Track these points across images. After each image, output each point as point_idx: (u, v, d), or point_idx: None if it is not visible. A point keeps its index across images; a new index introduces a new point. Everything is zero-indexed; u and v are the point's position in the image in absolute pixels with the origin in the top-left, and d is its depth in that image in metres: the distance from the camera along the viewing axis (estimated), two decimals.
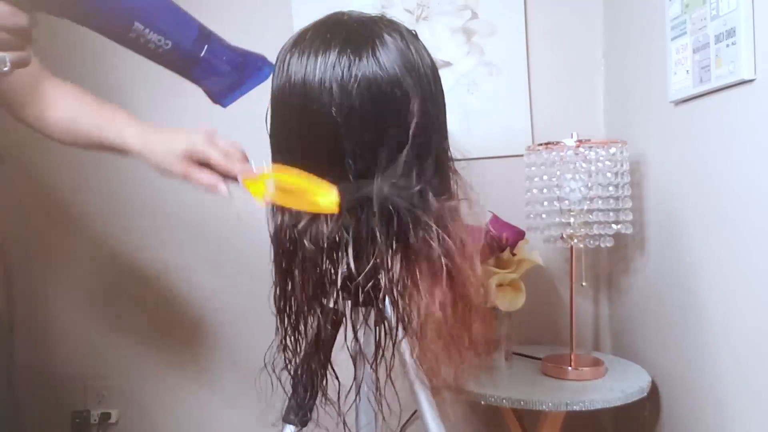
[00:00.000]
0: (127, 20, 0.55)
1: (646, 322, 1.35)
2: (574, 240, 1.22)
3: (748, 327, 0.96)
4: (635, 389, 1.16)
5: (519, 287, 1.29)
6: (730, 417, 1.02)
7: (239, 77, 0.69)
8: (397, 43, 0.68)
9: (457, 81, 1.54)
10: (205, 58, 0.65)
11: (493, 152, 1.53)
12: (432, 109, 0.69)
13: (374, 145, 0.66)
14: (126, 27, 0.55)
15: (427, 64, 0.71)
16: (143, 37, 0.57)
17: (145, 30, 0.56)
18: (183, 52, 0.63)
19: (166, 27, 0.58)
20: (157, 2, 0.59)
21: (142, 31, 0.56)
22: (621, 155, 1.20)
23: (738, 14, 0.93)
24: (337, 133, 0.66)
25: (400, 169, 0.67)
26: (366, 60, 0.66)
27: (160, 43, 0.58)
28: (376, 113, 0.66)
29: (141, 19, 0.55)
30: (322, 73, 0.66)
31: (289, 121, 0.69)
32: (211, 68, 0.67)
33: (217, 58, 0.67)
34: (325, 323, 0.74)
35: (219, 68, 0.67)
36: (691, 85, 1.08)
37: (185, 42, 0.62)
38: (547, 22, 1.53)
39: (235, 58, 0.69)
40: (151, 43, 0.57)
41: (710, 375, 1.08)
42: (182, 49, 0.62)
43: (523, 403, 1.13)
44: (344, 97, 0.65)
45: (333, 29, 0.69)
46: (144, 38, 0.58)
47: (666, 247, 1.25)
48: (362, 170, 0.67)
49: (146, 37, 0.58)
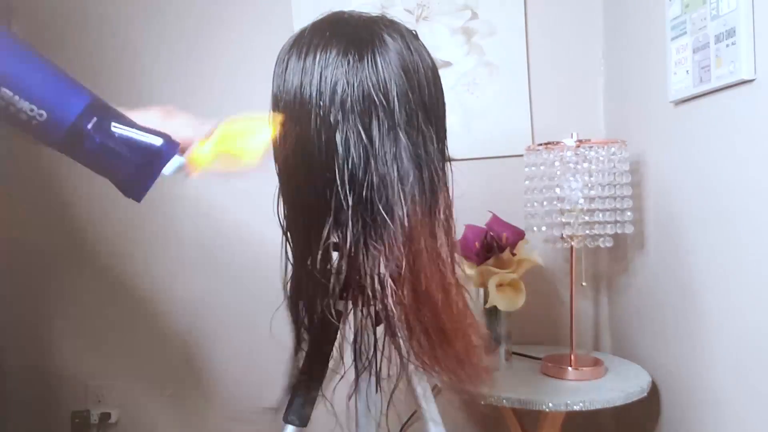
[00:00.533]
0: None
1: (646, 322, 1.35)
2: (574, 240, 1.22)
3: (748, 327, 0.96)
4: (635, 389, 1.16)
5: (519, 287, 1.29)
6: (729, 417, 1.02)
7: (141, 161, 0.58)
8: (397, 44, 0.68)
9: (457, 81, 1.54)
10: (92, 137, 0.54)
11: (493, 152, 1.53)
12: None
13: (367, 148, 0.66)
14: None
15: (427, 65, 0.71)
16: (13, 105, 0.49)
17: (14, 97, 0.49)
18: (62, 127, 0.53)
19: (41, 95, 0.50)
20: (31, 68, 0.51)
21: (11, 97, 0.49)
22: (621, 155, 1.20)
23: (738, 14, 0.93)
24: (333, 135, 0.66)
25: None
26: (365, 63, 0.66)
27: (33, 113, 0.50)
28: (372, 115, 0.66)
29: (9, 85, 0.48)
30: (320, 76, 0.66)
31: (287, 121, 0.69)
32: (102, 149, 0.56)
33: (108, 136, 0.55)
34: (325, 323, 0.75)
35: (111, 150, 0.56)
36: (691, 85, 1.08)
37: (66, 115, 0.52)
38: (547, 21, 1.53)
39: (131, 139, 0.58)
40: (23, 114, 0.50)
41: (710, 375, 1.08)
42: (62, 122, 0.52)
43: (523, 403, 1.13)
44: (342, 100, 0.65)
45: (333, 28, 0.69)
46: (14, 107, 0.50)
47: (666, 247, 1.25)
48: (357, 168, 0.67)
49: (16, 105, 0.50)
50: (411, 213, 0.67)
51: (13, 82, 0.49)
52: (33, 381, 1.61)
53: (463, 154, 1.51)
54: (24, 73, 0.50)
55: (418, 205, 0.67)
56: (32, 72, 0.52)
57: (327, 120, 0.66)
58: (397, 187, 0.66)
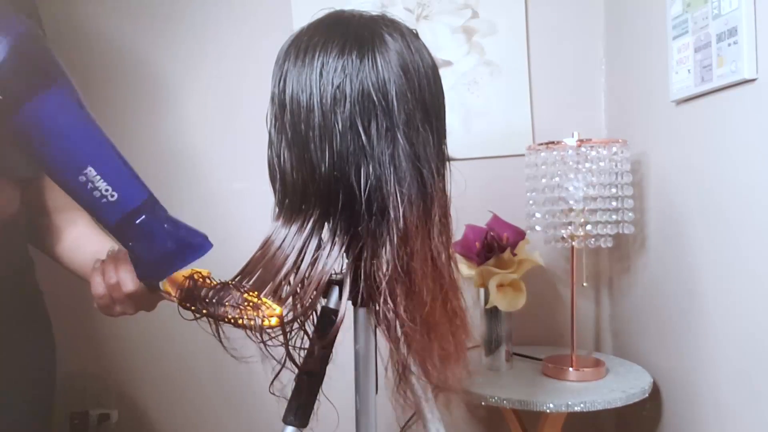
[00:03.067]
0: (82, 162, 0.55)
1: (647, 323, 1.35)
2: (575, 240, 1.22)
3: (750, 327, 0.96)
4: (636, 390, 1.16)
5: (519, 287, 1.28)
6: (731, 418, 1.02)
7: (176, 250, 0.66)
8: (398, 44, 0.68)
9: (457, 80, 1.53)
10: (146, 222, 0.63)
11: (494, 152, 1.52)
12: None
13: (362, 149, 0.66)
14: (79, 169, 0.54)
15: (427, 64, 0.71)
16: (92, 182, 0.56)
17: (96, 176, 0.55)
18: (126, 209, 0.61)
19: (119, 180, 0.57)
20: (115, 156, 0.58)
21: (94, 176, 0.55)
22: (622, 155, 1.20)
23: (740, 13, 0.93)
24: (331, 134, 0.66)
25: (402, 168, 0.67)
26: (365, 63, 0.66)
27: (107, 193, 0.56)
28: (371, 114, 0.66)
29: (95, 165, 0.55)
30: (319, 75, 0.66)
31: (286, 122, 0.69)
32: (150, 233, 0.64)
33: (158, 224, 0.64)
34: (325, 323, 0.74)
35: (157, 235, 0.65)
36: (693, 85, 1.07)
37: (132, 200, 0.61)
38: (548, 20, 1.53)
39: (176, 231, 0.67)
40: (98, 191, 0.56)
41: (711, 375, 1.08)
42: (127, 205, 0.60)
43: (523, 403, 1.13)
44: (341, 100, 0.65)
45: (333, 27, 0.69)
46: (93, 184, 0.56)
47: (667, 247, 1.24)
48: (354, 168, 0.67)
49: (95, 183, 0.57)
50: (407, 214, 0.66)
51: (99, 163, 0.55)
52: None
53: (464, 154, 1.51)
54: (108, 157, 0.57)
55: (414, 205, 0.67)
56: (113, 157, 0.59)
57: (326, 119, 0.66)
58: (393, 188, 0.66)
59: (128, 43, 1.60)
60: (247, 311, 0.66)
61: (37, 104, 0.53)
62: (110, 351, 1.63)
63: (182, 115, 1.60)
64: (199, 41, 1.59)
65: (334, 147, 0.66)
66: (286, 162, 0.70)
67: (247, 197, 1.53)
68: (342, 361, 0.79)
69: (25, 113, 0.52)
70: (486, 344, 1.32)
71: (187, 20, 1.59)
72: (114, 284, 0.73)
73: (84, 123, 0.56)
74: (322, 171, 0.67)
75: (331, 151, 0.66)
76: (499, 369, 1.31)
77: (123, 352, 1.63)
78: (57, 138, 0.54)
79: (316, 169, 0.67)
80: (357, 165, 0.67)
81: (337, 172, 0.67)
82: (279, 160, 0.71)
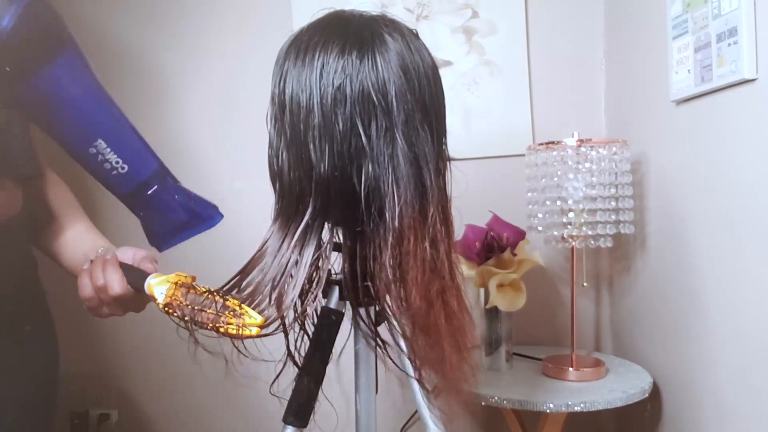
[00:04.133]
0: (92, 134, 0.55)
1: (647, 323, 1.35)
2: (575, 240, 1.22)
3: (750, 327, 0.96)
4: (637, 390, 1.16)
5: (520, 287, 1.28)
6: (731, 418, 1.02)
7: (187, 220, 0.67)
8: (398, 44, 0.68)
9: (457, 80, 1.53)
10: (157, 193, 0.63)
11: (494, 152, 1.52)
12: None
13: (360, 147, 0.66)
14: (89, 141, 0.55)
15: (427, 64, 0.71)
16: (102, 155, 0.57)
17: (106, 149, 0.56)
18: (136, 181, 0.61)
19: (129, 152, 0.58)
20: (125, 127, 0.58)
21: (104, 149, 0.55)
22: (622, 155, 1.20)
23: (740, 13, 0.93)
24: (331, 134, 0.66)
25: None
26: (365, 63, 0.66)
27: (117, 165, 0.57)
28: (371, 115, 0.66)
29: (106, 138, 0.55)
30: (319, 75, 0.66)
31: (286, 122, 0.69)
32: (161, 204, 0.65)
33: (169, 195, 0.65)
34: (324, 324, 0.74)
35: (168, 206, 0.65)
36: (693, 85, 1.07)
37: (142, 172, 0.61)
38: (548, 20, 1.53)
39: (187, 202, 0.67)
40: (108, 164, 0.57)
41: (712, 375, 1.08)
42: (137, 177, 0.61)
43: (523, 403, 1.13)
44: (341, 100, 0.65)
45: (333, 27, 0.69)
46: (103, 156, 0.57)
47: (667, 247, 1.24)
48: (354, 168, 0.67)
49: (105, 156, 0.57)
50: (403, 214, 0.66)
51: (109, 135, 0.56)
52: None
53: (464, 154, 1.51)
54: (118, 129, 0.58)
55: (411, 206, 0.67)
56: (123, 129, 0.59)
57: (326, 120, 0.66)
58: (391, 188, 0.66)
59: (129, 42, 1.60)
60: (229, 319, 0.66)
61: (52, 68, 0.52)
62: (110, 351, 1.63)
63: (183, 114, 1.60)
64: (199, 41, 1.59)
65: (335, 147, 0.66)
66: (284, 162, 0.70)
67: (247, 197, 1.53)
68: (342, 361, 0.79)
69: (44, 76, 0.52)
70: (486, 344, 1.32)
71: (187, 20, 1.59)
72: (101, 286, 0.73)
73: (94, 93, 0.56)
74: (321, 171, 0.67)
75: (331, 152, 0.66)
76: (499, 369, 1.31)
77: (123, 352, 1.63)
78: (69, 107, 0.54)
79: (315, 170, 0.67)
80: (358, 165, 0.67)
81: (338, 172, 0.67)
82: (278, 160, 0.71)
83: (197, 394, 1.63)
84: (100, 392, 1.64)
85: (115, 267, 0.72)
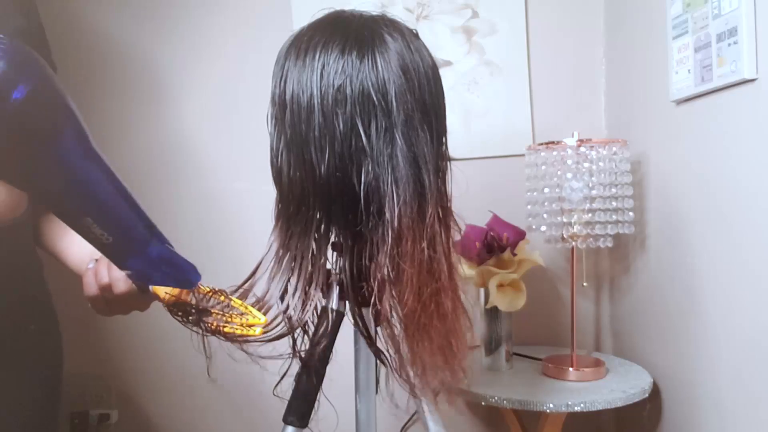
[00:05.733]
0: (81, 213, 0.60)
1: (647, 323, 1.35)
2: (575, 240, 1.22)
3: (750, 327, 0.96)
4: (637, 390, 1.16)
5: (519, 287, 1.28)
6: (730, 418, 1.02)
7: (161, 282, 0.70)
8: (398, 44, 0.68)
9: (457, 80, 1.53)
10: (139, 265, 0.67)
11: (494, 152, 1.52)
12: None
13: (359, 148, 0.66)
14: (79, 217, 0.60)
15: (427, 64, 0.71)
16: (92, 227, 0.61)
17: (93, 224, 0.61)
18: (119, 251, 0.66)
19: (112, 226, 0.62)
20: (111, 205, 0.62)
21: (91, 224, 0.61)
22: (622, 155, 1.20)
23: (740, 13, 0.93)
24: (332, 134, 0.66)
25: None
26: (365, 63, 0.66)
27: (103, 237, 0.62)
28: (371, 115, 0.66)
29: (92, 216, 0.60)
30: (320, 75, 0.66)
31: (286, 122, 0.69)
32: (143, 273, 0.69)
33: (152, 269, 0.68)
34: (325, 324, 0.74)
35: (150, 275, 0.69)
36: (693, 85, 1.07)
37: (126, 245, 0.65)
38: (548, 20, 1.53)
39: (171, 272, 0.70)
40: (93, 234, 0.62)
41: (712, 376, 1.08)
42: (120, 249, 0.65)
43: (523, 403, 1.13)
44: (341, 100, 0.65)
45: (333, 27, 0.69)
46: (93, 228, 0.62)
47: (667, 247, 1.24)
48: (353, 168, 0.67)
49: (91, 228, 0.62)
50: (402, 215, 0.66)
51: (95, 215, 0.60)
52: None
53: (464, 154, 1.51)
54: (104, 209, 0.61)
55: (409, 206, 0.67)
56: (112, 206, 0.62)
57: (326, 120, 0.66)
58: (390, 189, 0.66)
59: (128, 42, 1.60)
60: (233, 319, 0.67)
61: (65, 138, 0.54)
62: (110, 351, 1.63)
63: (183, 114, 1.60)
64: (199, 40, 1.59)
65: (335, 148, 0.66)
66: (285, 162, 0.70)
67: (248, 196, 1.53)
68: (342, 361, 0.79)
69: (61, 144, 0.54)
70: (486, 344, 1.32)
71: (187, 20, 1.59)
72: (106, 285, 0.74)
73: (86, 173, 0.58)
74: (321, 171, 0.67)
75: (332, 152, 0.67)
76: (499, 369, 1.31)
77: (123, 352, 1.63)
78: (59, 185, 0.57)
79: (315, 170, 0.67)
80: (358, 165, 0.67)
81: (339, 172, 0.67)
82: (278, 161, 0.71)
83: (197, 394, 1.62)
84: (100, 392, 1.64)
85: None
